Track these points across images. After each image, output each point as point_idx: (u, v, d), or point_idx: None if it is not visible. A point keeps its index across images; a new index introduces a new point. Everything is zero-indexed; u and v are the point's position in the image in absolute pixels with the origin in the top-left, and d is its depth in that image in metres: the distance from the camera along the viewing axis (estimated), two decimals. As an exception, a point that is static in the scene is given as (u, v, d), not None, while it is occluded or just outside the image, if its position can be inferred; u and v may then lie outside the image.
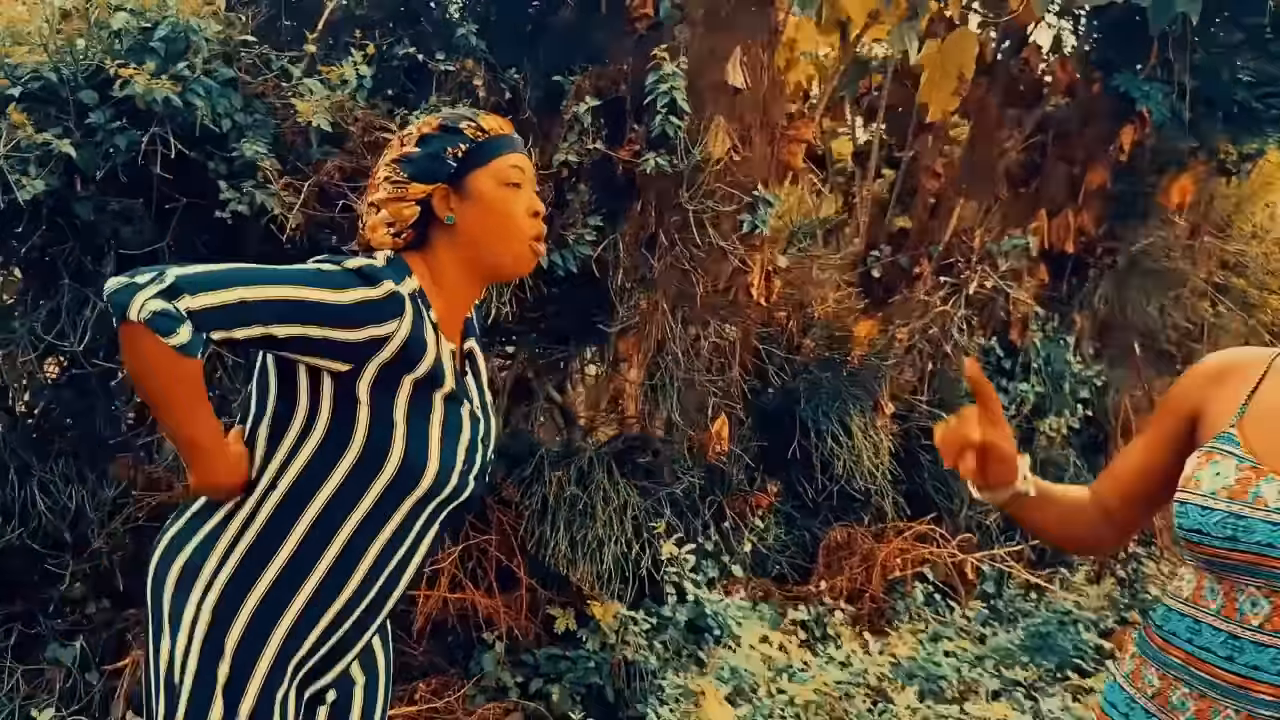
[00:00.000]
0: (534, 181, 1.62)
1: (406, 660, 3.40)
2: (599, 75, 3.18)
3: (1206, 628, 1.34)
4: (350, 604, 1.52)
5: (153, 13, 2.74)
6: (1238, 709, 1.29)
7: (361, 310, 1.42)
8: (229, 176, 2.81)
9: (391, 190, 1.56)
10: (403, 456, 1.47)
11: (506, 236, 1.56)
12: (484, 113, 1.63)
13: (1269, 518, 1.27)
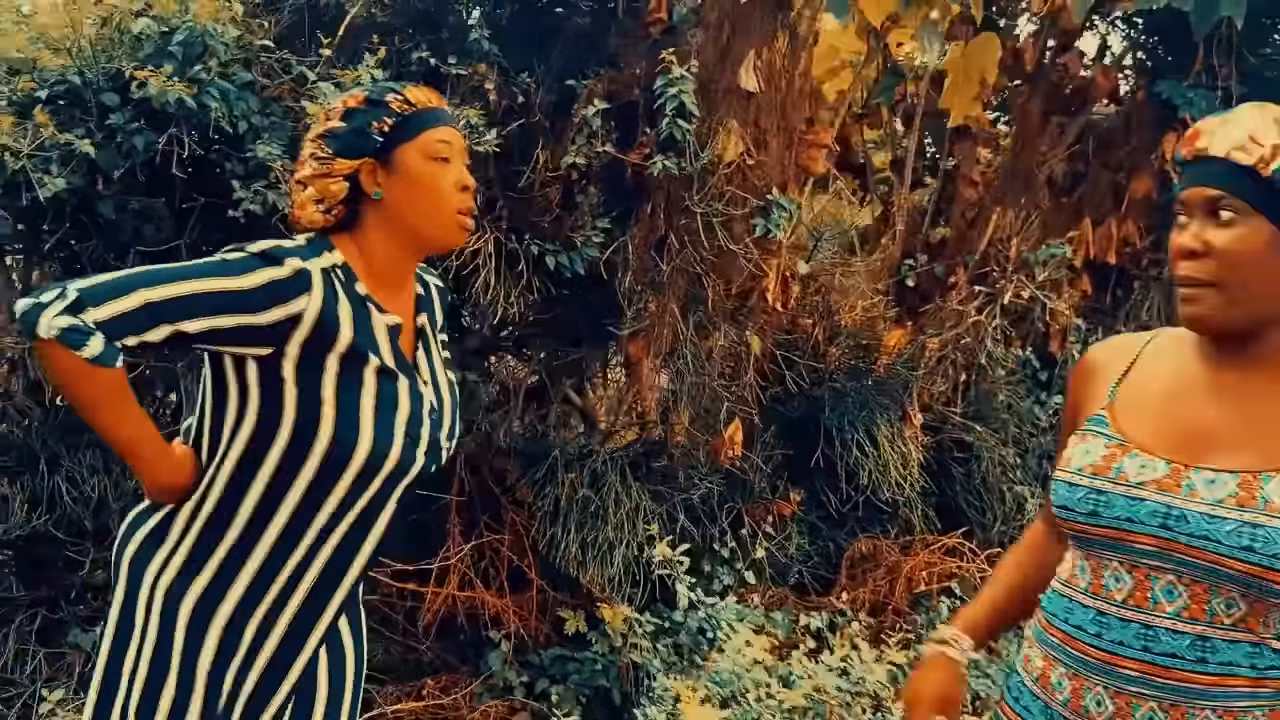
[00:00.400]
0: (464, 154, 1.62)
1: (415, 657, 3.45)
2: (612, 79, 3.21)
3: (1078, 606, 1.35)
4: (293, 581, 1.54)
5: (175, 19, 2.84)
6: (1106, 686, 1.30)
7: (267, 292, 1.43)
8: (244, 177, 2.89)
9: (317, 166, 1.55)
10: (332, 433, 1.48)
11: (434, 211, 1.56)
12: (412, 85, 1.61)
13: (1129, 492, 1.29)
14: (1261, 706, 1.27)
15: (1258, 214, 1.24)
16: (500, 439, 3.32)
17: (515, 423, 3.58)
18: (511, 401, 3.41)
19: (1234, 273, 1.25)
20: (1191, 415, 1.32)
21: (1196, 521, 1.25)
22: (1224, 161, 1.25)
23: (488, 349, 3.32)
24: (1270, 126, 1.24)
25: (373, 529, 1.58)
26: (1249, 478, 1.25)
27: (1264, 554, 1.21)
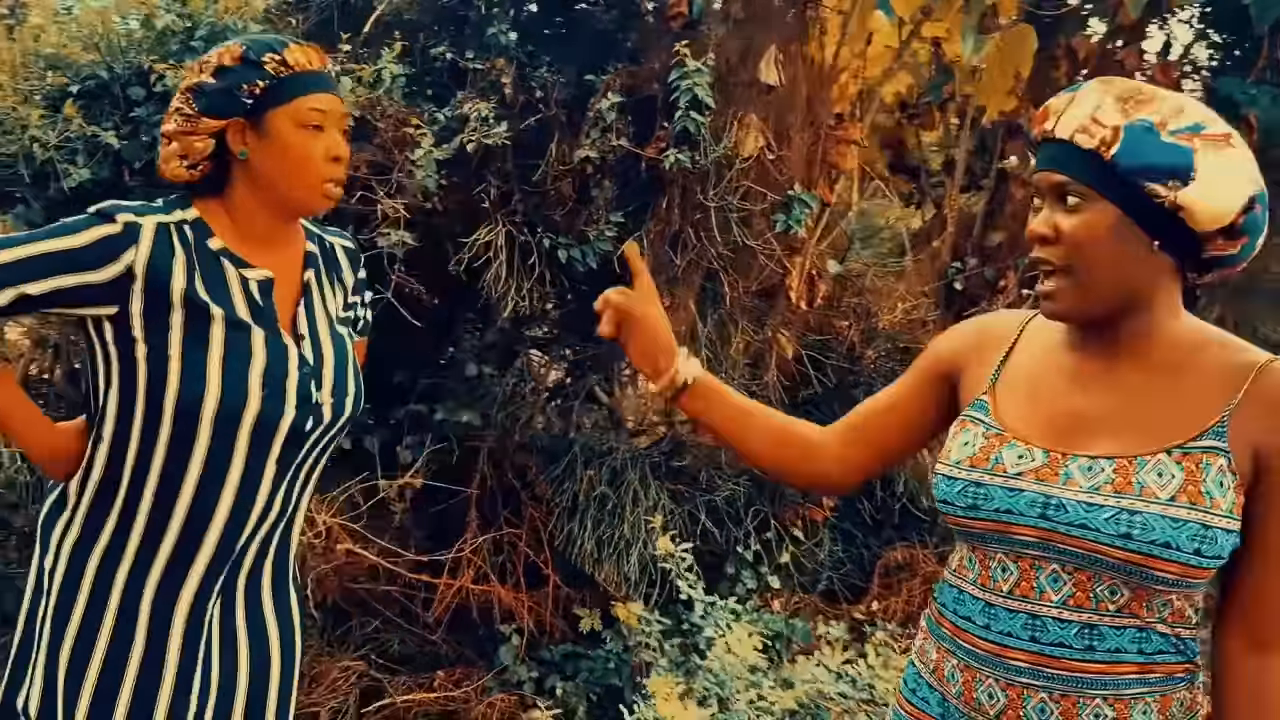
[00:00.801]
0: (341, 121, 1.58)
1: (432, 649, 3.47)
2: (631, 74, 3.19)
3: (968, 597, 1.33)
4: (187, 544, 1.52)
5: (198, 15, 2.92)
6: (997, 678, 1.29)
7: (98, 249, 1.45)
8: (263, 169, 2.95)
9: (181, 123, 1.53)
10: (179, 386, 1.48)
11: (300, 179, 1.54)
12: (295, 44, 1.57)
13: (1007, 483, 1.27)
14: (1152, 692, 1.25)
15: (1102, 198, 1.20)
16: (516, 433, 3.32)
17: (538, 418, 3.58)
18: (529, 396, 3.41)
19: (1082, 259, 1.22)
20: (1066, 402, 1.31)
21: (1074, 510, 1.23)
22: (1068, 144, 1.22)
23: (507, 343, 3.33)
24: (1113, 106, 1.19)
25: (259, 491, 1.55)
26: (1124, 463, 1.24)
27: (1142, 540, 1.20)
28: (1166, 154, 1.17)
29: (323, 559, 3.16)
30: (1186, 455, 1.22)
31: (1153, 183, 1.17)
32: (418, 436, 3.36)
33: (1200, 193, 1.17)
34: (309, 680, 3.30)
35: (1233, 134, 1.21)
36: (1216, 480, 1.21)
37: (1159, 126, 1.17)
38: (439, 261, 3.18)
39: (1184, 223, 1.18)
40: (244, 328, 1.53)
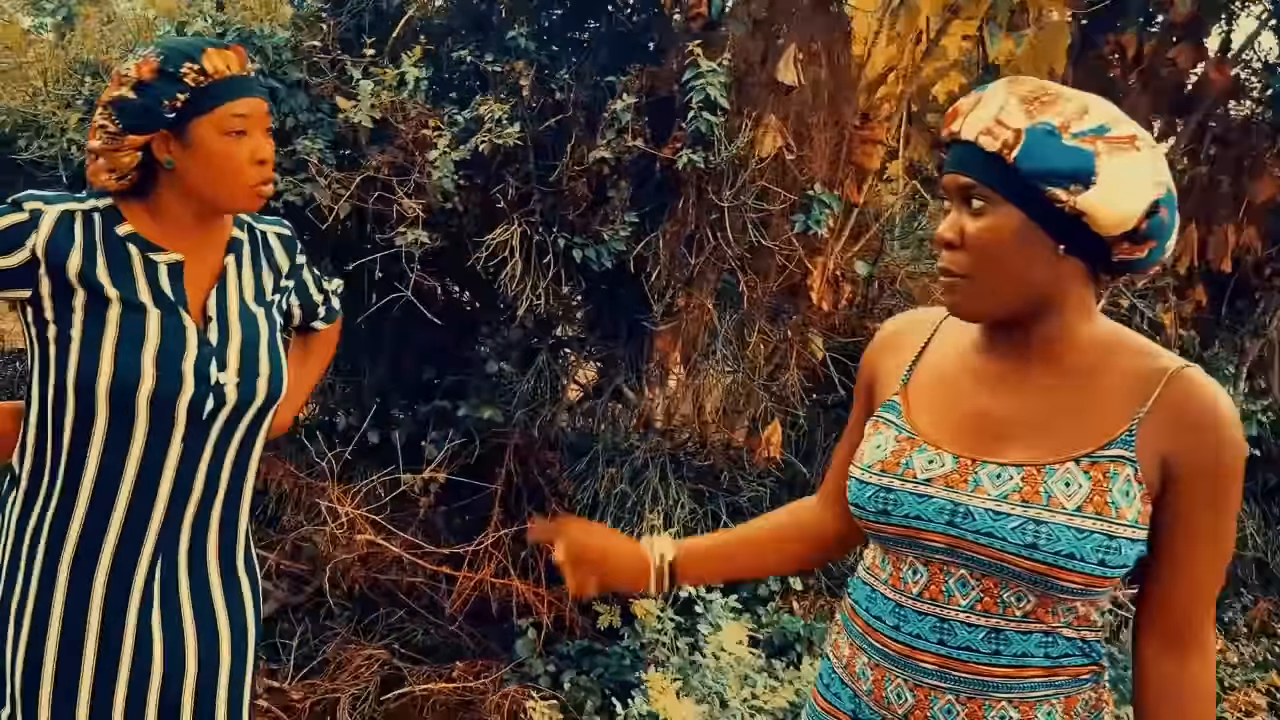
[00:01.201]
0: (264, 123, 1.60)
1: (456, 641, 3.53)
2: (651, 75, 3.22)
3: (880, 597, 1.33)
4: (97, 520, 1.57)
5: (230, 20, 3.03)
6: (905, 678, 1.29)
7: (9, 235, 1.52)
8: (288, 171, 3.05)
9: (107, 140, 1.55)
10: (78, 365, 1.53)
11: (227, 185, 1.57)
12: (213, 48, 1.57)
13: (916, 489, 1.26)
14: (1057, 694, 1.25)
15: (1006, 202, 1.17)
16: (535, 429, 3.36)
17: (562, 416, 3.63)
18: (553, 394, 3.46)
19: (986, 264, 1.20)
20: (977, 407, 1.29)
21: (982, 518, 1.22)
22: (973, 146, 1.18)
23: (528, 341, 3.38)
24: (1016, 107, 1.16)
25: (164, 468, 1.59)
26: (1033, 472, 1.22)
27: (1047, 551, 1.19)
28: (1068, 157, 1.14)
29: (344, 549, 3.25)
30: (1094, 464, 1.20)
31: (1054, 187, 1.14)
32: (442, 432, 3.43)
33: (1101, 197, 1.14)
34: (333, 667, 3.39)
35: (1139, 136, 1.17)
36: (1123, 490, 1.19)
37: (1061, 129, 1.15)
38: (462, 260, 3.25)
39: (1087, 227, 1.16)
40: (140, 309, 1.56)
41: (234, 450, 1.67)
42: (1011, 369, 1.27)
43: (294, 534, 3.35)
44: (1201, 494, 1.20)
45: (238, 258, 1.70)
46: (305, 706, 3.25)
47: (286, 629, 3.47)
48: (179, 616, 1.66)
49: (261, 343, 1.68)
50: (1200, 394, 1.20)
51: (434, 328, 3.40)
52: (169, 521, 1.62)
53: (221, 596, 1.70)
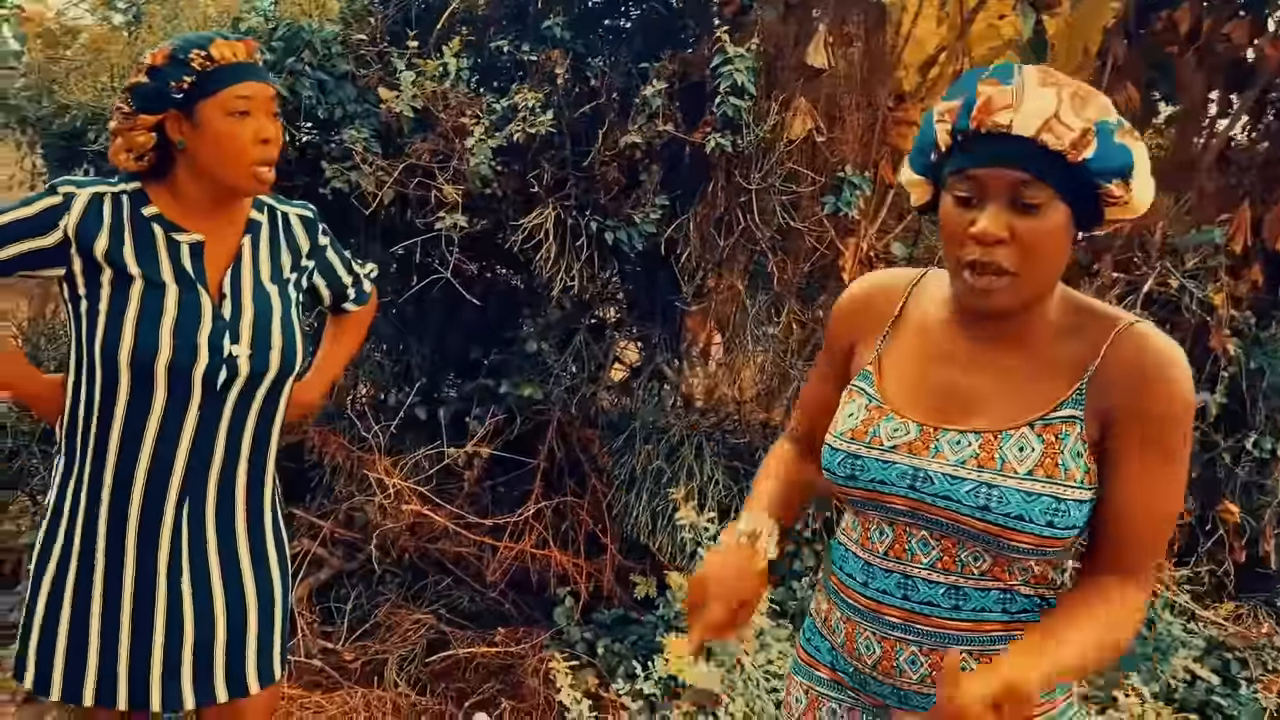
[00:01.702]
0: (268, 106, 1.73)
1: (500, 609, 3.68)
2: (685, 60, 3.29)
3: (851, 555, 1.40)
4: (123, 481, 1.72)
5: (280, 17, 3.19)
6: (873, 631, 1.36)
7: (43, 218, 1.69)
8: (338, 159, 3.20)
9: (122, 120, 1.72)
10: (103, 337, 1.69)
11: (231, 163, 1.70)
12: (221, 39, 1.71)
13: (881, 456, 1.33)
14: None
15: (1058, 198, 1.20)
16: (573, 406, 3.48)
17: (603, 394, 3.74)
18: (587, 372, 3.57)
19: (1037, 260, 1.22)
20: (946, 377, 1.34)
21: (940, 482, 1.28)
22: (1030, 143, 1.18)
23: (566, 321, 3.49)
24: (1070, 105, 1.18)
25: (182, 433, 1.73)
26: (990, 438, 1.27)
27: (999, 513, 1.24)
28: (1121, 154, 1.19)
29: (392, 519, 3.42)
30: (1048, 426, 1.25)
31: (1110, 184, 1.19)
32: (485, 409, 3.58)
33: (1140, 188, 1.21)
34: (383, 629, 3.57)
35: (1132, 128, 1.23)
36: (1074, 450, 1.24)
37: (1116, 126, 1.19)
38: (503, 244, 3.37)
39: (1103, 215, 1.23)
40: (160, 286, 1.71)
41: (253, 419, 1.80)
42: (983, 341, 1.32)
43: (346, 504, 3.53)
44: (1136, 438, 1.23)
45: (254, 238, 1.83)
46: (357, 666, 3.44)
47: (342, 594, 3.66)
48: (208, 579, 1.80)
49: (274, 317, 1.80)
50: (1143, 345, 1.24)
51: (480, 308, 3.54)
52: (190, 486, 1.76)
53: (249, 562, 1.83)
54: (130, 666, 1.76)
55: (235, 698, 1.83)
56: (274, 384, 1.80)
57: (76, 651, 1.75)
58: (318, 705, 3.18)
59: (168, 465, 1.75)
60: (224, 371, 1.74)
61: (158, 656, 1.77)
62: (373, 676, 3.39)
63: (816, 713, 1.45)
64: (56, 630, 1.76)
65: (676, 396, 3.79)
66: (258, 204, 1.85)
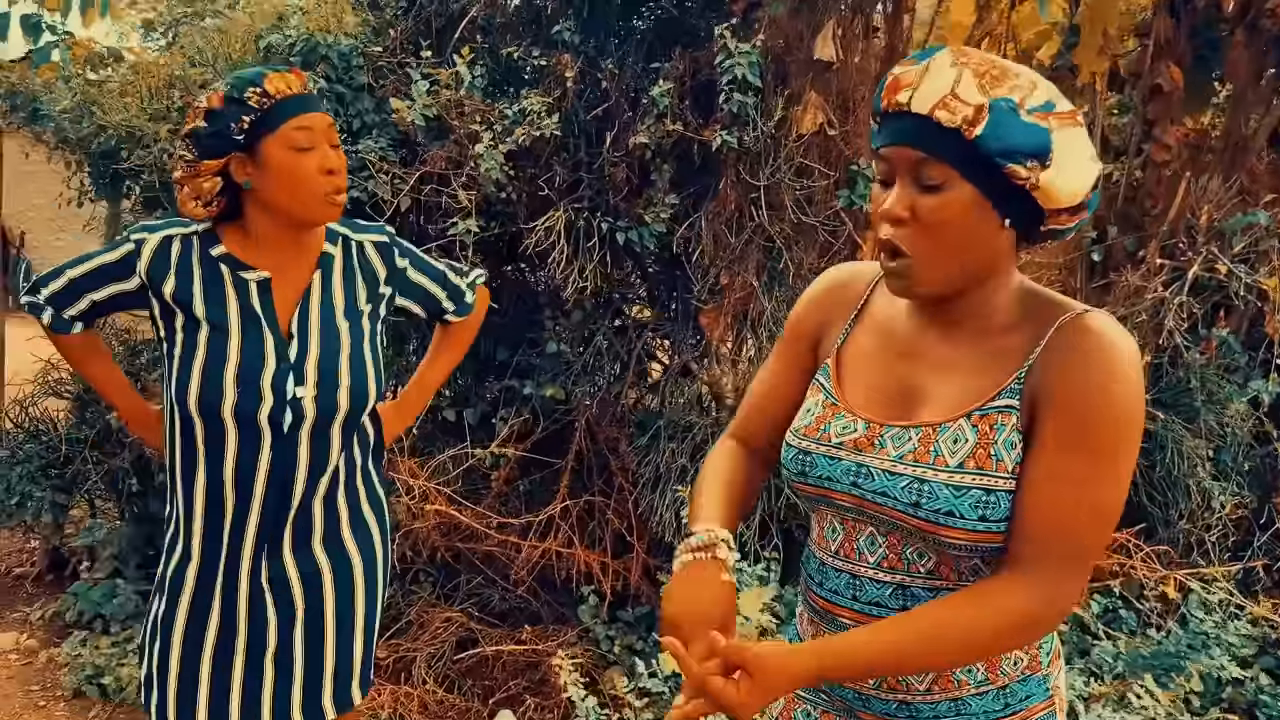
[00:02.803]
0: (329, 136, 1.71)
1: (526, 606, 3.72)
2: (694, 59, 3.30)
3: (812, 555, 1.39)
4: (212, 514, 1.77)
5: (297, 32, 3.29)
6: (830, 632, 1.33)
7: (123, 263, 1.76)
8: (355, 169, 3.29)
9: (185, 169, 1.71)
10: (176, 384, 1.73)
11: (301, 198, 1.69)
12: (273, 72, 1.69)
13: (830, 452, 1.30)
14: None
15: (961, 178, 1.17)
16: (594, 406, 3.51)
17: (629, 393, 3.76)
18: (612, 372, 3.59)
19: (936, 241, 1.19)
20: (898, 373, 1.31)
21: (880, 479, 1.26)
22: (926, 120, 1.16)
23: (585, 322, 3.52)
24: (971, 82, 1.15)
25: (257, 472, 1.74)
26: (929, 432, 1.24)
27: (929, 509, 1.21)
28: (1027, 134, 1.14)
29: (420, 520, 3.49)
30: (983, 417, 1.21)
31: (1014, 164, 1.14)
32: (511, 409, 3.63)
33: (1058, 174, 1.15)
34: (416, 627, 3.65)
35: (1078, 111, 1.18)
36: (1007, 442, 1.19)
37: (1020, 105, 1.14)
38: (518, 246, 3.42)
39: (1035, 201, 1.17)
40: (225, 329, 1.73)
41: (335, 452, 1.79)
42: (936, 337, 1.29)
43: (377, 505, 3.62)
44: (1055, 426, 1.17)
45: (325, 272, 1.81)
46: (388, 664, 3.52)
47: (376, 593, 3.75)
48: (287, 578, 1.82)
49: (342, 355, 1.78)
50: (1085, 335, 1.18)
51: (504, 310, 3.59)
52: (267, 521, 1.78)
53: (325, 557, 1.84)
54: (210, 702, 1.81)
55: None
56: (348, 419, 1.79)
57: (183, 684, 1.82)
58: (347, 701, 3.26)
59: (247, 502, 1.76)
60: (289, 414, 1.74)
61: (236, 688, 1.81)
62: (401, 674, 3.47)
63: (792, 713, 1.43)
64: (168, 663, 1.83)
65: (701, 394, 3.79)
66: (331, 235, 1.83)
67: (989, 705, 1.28)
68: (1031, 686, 1.29)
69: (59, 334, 1.87)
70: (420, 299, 1.97)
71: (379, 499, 1.93)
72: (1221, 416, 4.06)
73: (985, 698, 1.27)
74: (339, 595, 1.87)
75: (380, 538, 1.93)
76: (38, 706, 3.42)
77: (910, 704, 1.30)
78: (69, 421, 4.07)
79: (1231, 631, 3.16)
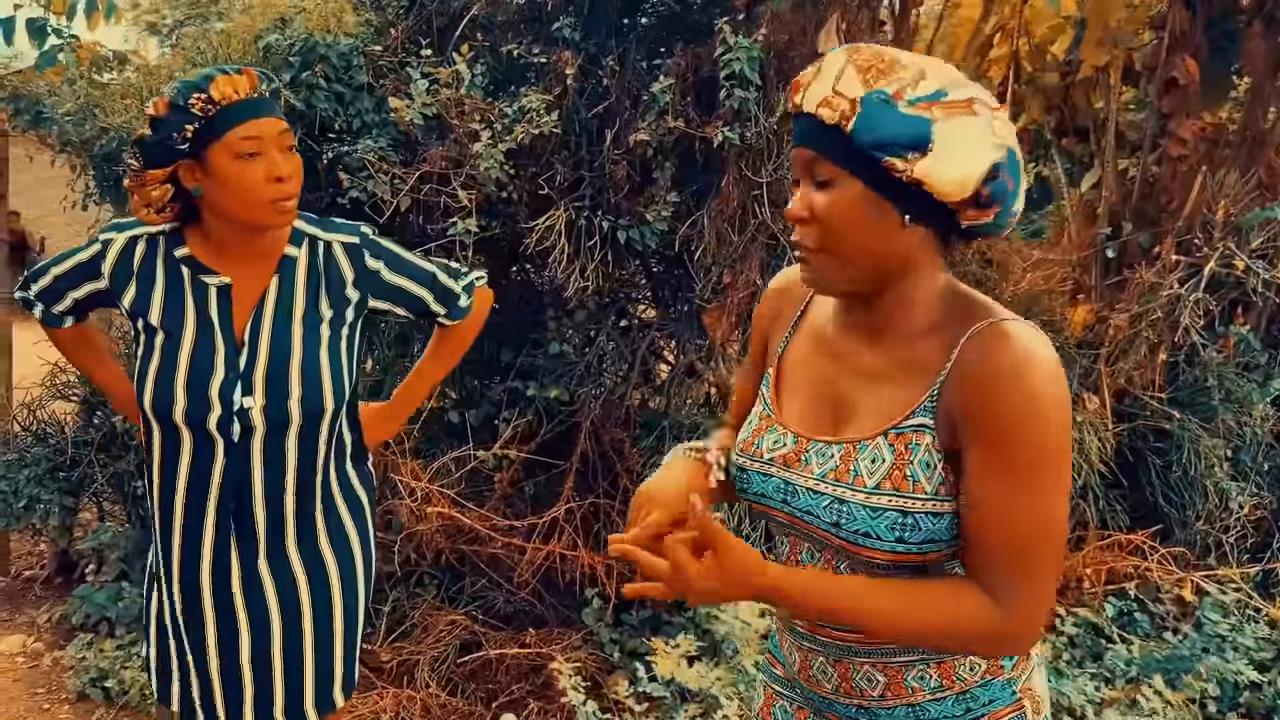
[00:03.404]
0: (279, 141, 1.66)
1: (529, 609, 3.69)
2: (696, 56, 3.25)
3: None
4: (166, 512, 1.77)
5: (296, 32, 3.27)
6: (791, 641, 1.37)
7: (94, 262, 1.78)
8: (355, 169, 3.26)
9: (133, 177, 1.68)
10: (137, 388, 1.74)
11: (249, 205, 1.65)
12: (220, 76, 1.64)
13: (762, 469, 1.30)
14: (924, 659, 1.26)
15: (848, 174, 1.15)
16: (596, 407, 3.47)
17: (631, 394, 3.72)
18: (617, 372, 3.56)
19: (834, 238, 1.18)
20: (826, 384, 1.29)
21: (805, 497, 1.25)
22: (814, 119, 1.16)
23: (591, 323, 3.49)
24: (853, 77, 1.13)
25: (212, 477, 1.73)
26: (850, 449, 1.22)
27: (848, 530, 1.20)
28: (904, 125, 1.11)
29: (423, 522, 3.47)
30: (900, 436, 1.18)
31: (891, 156, 1.12)
32: (514, 411, 3.59)
33: (938, 164, 1.11)
34: (420, 630, 3.62)
35: (977, 99, 1.13)
36: (923, 461, 1.17)
37: (896, 97, 1.11)
38: (518, 246, 3.39)
39: (929, 195, 1.13)
40: (178, 336, 1.71)
41: (293, 462, 1.76)
42: (861, 343, 1.26)
43: (380, 507, 3.59)
44: (979, 446, 1.13)
45: (285, 276, 1.76)
46: (392, 667, 3.50)
47: (380, 595, 3.73)
48: (264, 601, 1.81)
49: (293, 364, 1.73)
50: (997, 344, 1.13)
51: (508, 311, 3.56)
52: (223, 525, 1.77)
53: (299, 561, 1.82)
54: (202, 691, 1.84)
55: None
56: (305, 428, 1.75)
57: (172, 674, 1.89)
58: (349, 706, 3.23)
59: (201, 508, 1.76)
60: (236, 424, 1.71)
61: (217, 688, 1.82)
62: (404, 677, 3.44)
63: (771, 708, 1.45)
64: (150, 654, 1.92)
65: (710, 394, 3.75)
66: (296, 237, 1.79)
67: (949, 710, 1.27)
68: (994, 691, 1.27)
69: (51, 328, 1.93)
70: (402, 301, 1.90)
71: (358, 502, 1.91)
72: (1240, 416, 3.98)
73: (944, 703, 1.26)
74: (315, 598, 1.84)
75: (360, 540, 1.90)
76: (42, 710, 3.41)
77: (868, 709, 1.29)
78: (76, 424, 4.07)
79: (1249, 635, 3.08)
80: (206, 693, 1.83)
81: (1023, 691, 1.28)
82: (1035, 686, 1.30)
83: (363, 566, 1.91)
